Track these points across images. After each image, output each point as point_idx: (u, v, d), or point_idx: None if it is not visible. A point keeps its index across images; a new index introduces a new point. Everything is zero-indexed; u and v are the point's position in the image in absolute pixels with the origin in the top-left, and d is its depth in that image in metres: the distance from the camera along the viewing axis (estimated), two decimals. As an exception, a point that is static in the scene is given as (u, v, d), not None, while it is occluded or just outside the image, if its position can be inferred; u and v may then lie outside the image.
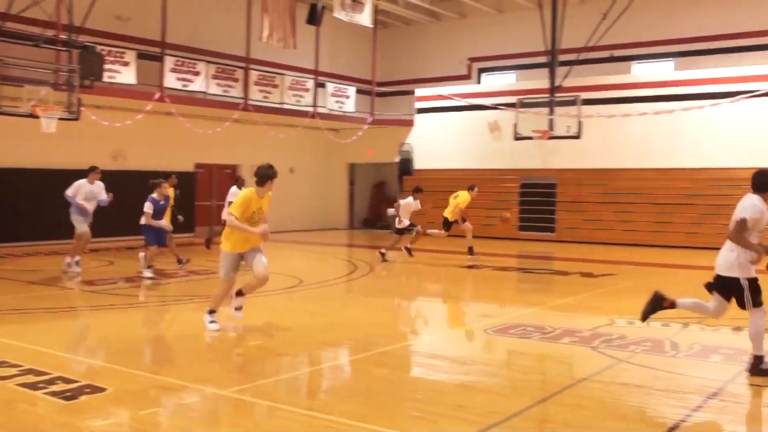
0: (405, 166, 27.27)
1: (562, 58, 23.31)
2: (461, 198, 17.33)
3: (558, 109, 22.86)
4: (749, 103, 21.27)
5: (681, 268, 16.82)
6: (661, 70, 24.98)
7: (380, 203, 29.82)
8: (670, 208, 22.05)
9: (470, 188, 17.54)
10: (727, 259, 6.99)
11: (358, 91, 27.37)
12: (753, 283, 6.85)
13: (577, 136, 21.92)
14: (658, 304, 7.55)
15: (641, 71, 25.37)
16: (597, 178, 23.48)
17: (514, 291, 14.17)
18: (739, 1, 23.35)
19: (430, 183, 25.87)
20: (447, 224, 17.44)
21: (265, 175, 8.60)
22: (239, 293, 8.83)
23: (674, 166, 22.27)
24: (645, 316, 7.60)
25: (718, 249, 7.18)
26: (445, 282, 14.83)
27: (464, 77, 28.55)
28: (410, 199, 17.35)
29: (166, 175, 15.39)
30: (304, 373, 7.18)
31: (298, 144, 26.42)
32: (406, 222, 17.25)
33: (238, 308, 8.81)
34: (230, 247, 8.64)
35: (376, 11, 25.28)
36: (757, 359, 6.84)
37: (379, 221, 29.01)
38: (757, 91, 21.14)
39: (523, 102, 23.65)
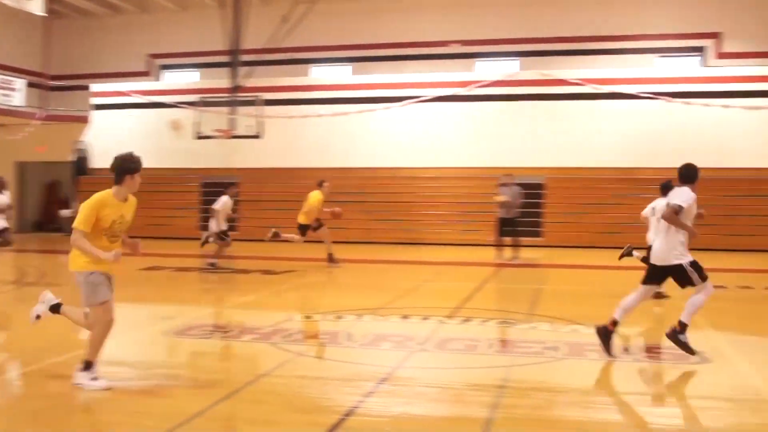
0: (81, 165, 25.91)
1: (244, 58, 23.55)
2: (311, 199, 16.27)
3: (240, 109, 23.07)
4: (416, 108, 23.03)
5: (357, 262, 17.72)
6: (339, 74, 26.13)
7: (53, 204, 28.04)
8: (347, 206, 23.12)
9: (319, 184, 16.54)
10: (664, 251, 7.57)
11: (30, 84, 25.48)
12: (694, 264, 7.50)
13: (257, 136, 22.23)
14: (607, 335, 7.67)
15: (320, 74, 26.33)
16: (278, 177, 23.99)
17: (196, 291, 14.03)
18: (410, 12, 25.09)
19: (108, 184, 24.88)
20: (302, 229, 16.37)
21: (124, 169, 6.37)
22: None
23: (349, 165, 23.41)
24: (609, 352, 7.64)
25: (395, 243, 7.71)
26: (123, 285, 14.25)
27: (144, 73, 27.72)
28: (226, 198, 16.24)
29: None
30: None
31: (-44, 139, 24.06)
32: (224, 225, 16.21)
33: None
34: (93, 265, 6.44)
35: (48, -1, 23.75)
36: (682, 326, 7.48)
37: (51, 224, 27.26)
38: (423, 96, 22.92)
39: (204, 101, 23.55)
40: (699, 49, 24.01)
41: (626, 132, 22.40)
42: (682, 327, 7.49)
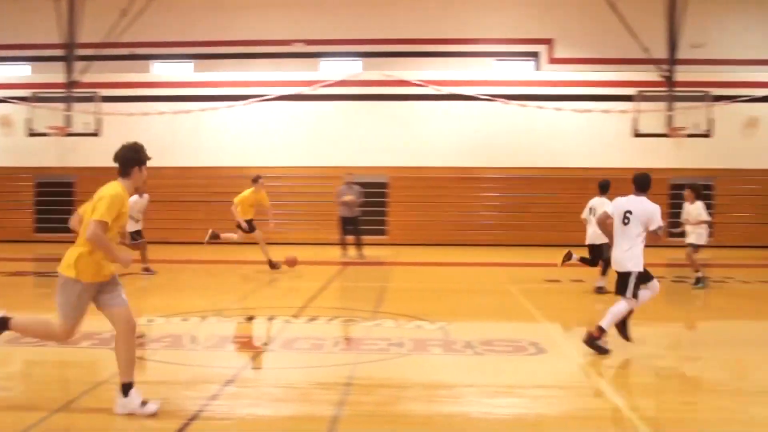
0: None
1: (81, 52, 22.65)
2: (239, 197, 15.51)
3: (76, 105, 22.21)
4: (260, 107, 22.89)
5: (201, 263, 17.43)
6: (181, 71, 25.57)
7: None
8: (190, 206, 22.72)
9: (254, 180, 15.53)
10: (624, 258, 7.77)
11: None
12: (640, 275, 7.72)
13: (96, 134, 21.45)
14: (624, 328, 8.02)
15: (161, 71, 25.66)
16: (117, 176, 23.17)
17: (31, 296, 13.37)
18: (254, 10, 24.78)
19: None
20: (247, 225, 15.60)
21: (132, 159, 5.95)
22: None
23: (194, 164, 22.97)
24: (627, 337, 8.07)
25: (240, 243, 7.59)
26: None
27: (-31, 66, 26.11)
28: (136, 196, 15.01)
29: None
30: None
31: None
32: (138, 225, 14.96)
33: None
34: (91, 275, 5.58)
35: None
36: (598, 332, 7.65)
37: None
38: (267, 95, 22.80)
39: (37, 96, 22.54)
40: (533, 54, 25.12)
41: (466, 132, 23.14)
42: (600, 332, 7.71)
